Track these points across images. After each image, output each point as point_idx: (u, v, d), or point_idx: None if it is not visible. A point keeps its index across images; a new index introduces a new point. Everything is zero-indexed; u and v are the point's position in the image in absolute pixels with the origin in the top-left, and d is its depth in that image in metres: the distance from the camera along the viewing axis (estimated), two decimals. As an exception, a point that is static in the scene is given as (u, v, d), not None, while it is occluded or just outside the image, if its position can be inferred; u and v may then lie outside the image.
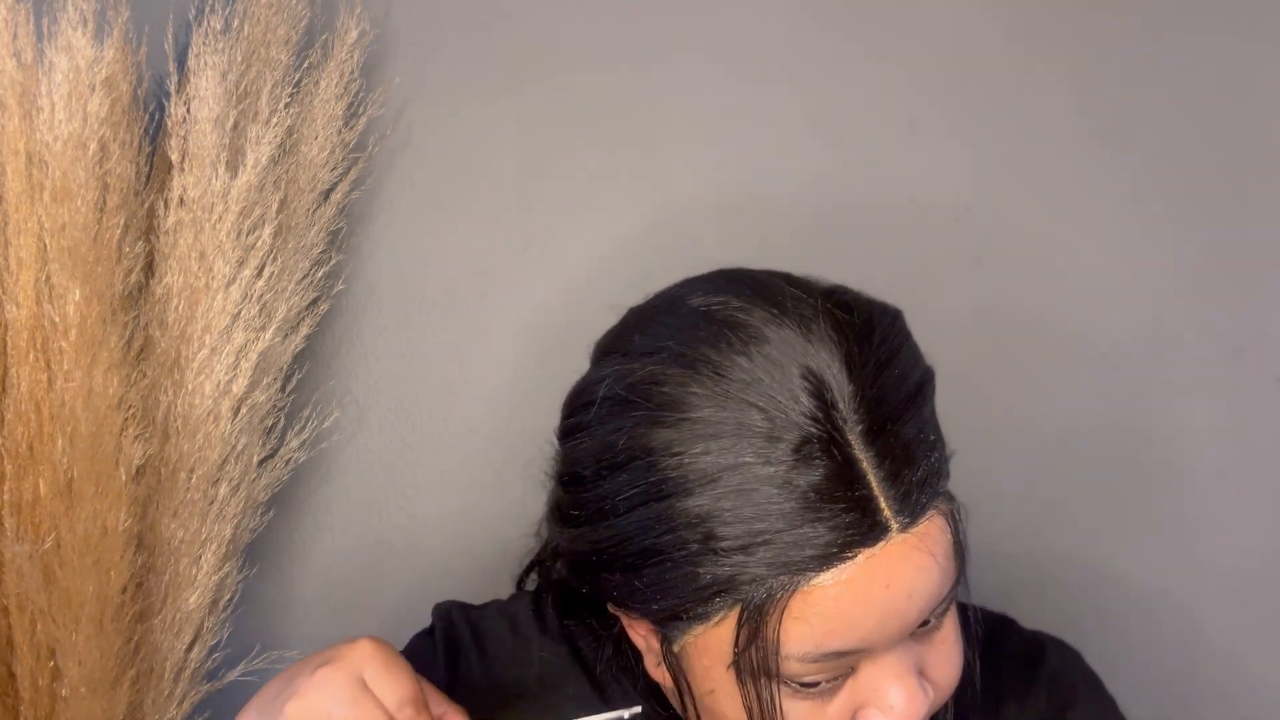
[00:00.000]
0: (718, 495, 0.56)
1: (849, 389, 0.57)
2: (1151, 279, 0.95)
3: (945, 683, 0.62)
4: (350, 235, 0.94)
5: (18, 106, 0.79)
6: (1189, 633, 0.96)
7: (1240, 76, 0.94)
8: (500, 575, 0.96)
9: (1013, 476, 0.96)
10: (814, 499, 0.55)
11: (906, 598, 0.57)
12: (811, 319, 0.59)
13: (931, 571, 0.57)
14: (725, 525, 0.56)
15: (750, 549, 0.56)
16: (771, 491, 0.55)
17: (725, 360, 0.58)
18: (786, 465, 0.55)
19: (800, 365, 0.57)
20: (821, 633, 0.56)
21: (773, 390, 0.56)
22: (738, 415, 0.56)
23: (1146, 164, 0.95)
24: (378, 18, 0.92)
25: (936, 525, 0.58)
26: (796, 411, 0.56)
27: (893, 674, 0.59)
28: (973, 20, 0.94)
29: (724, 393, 0.57)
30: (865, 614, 0.56)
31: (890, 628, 0.58)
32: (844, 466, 0.56)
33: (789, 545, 0.55)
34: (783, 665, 0.57)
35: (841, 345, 0.58)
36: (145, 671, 0.85)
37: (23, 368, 0.79)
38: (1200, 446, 0.95)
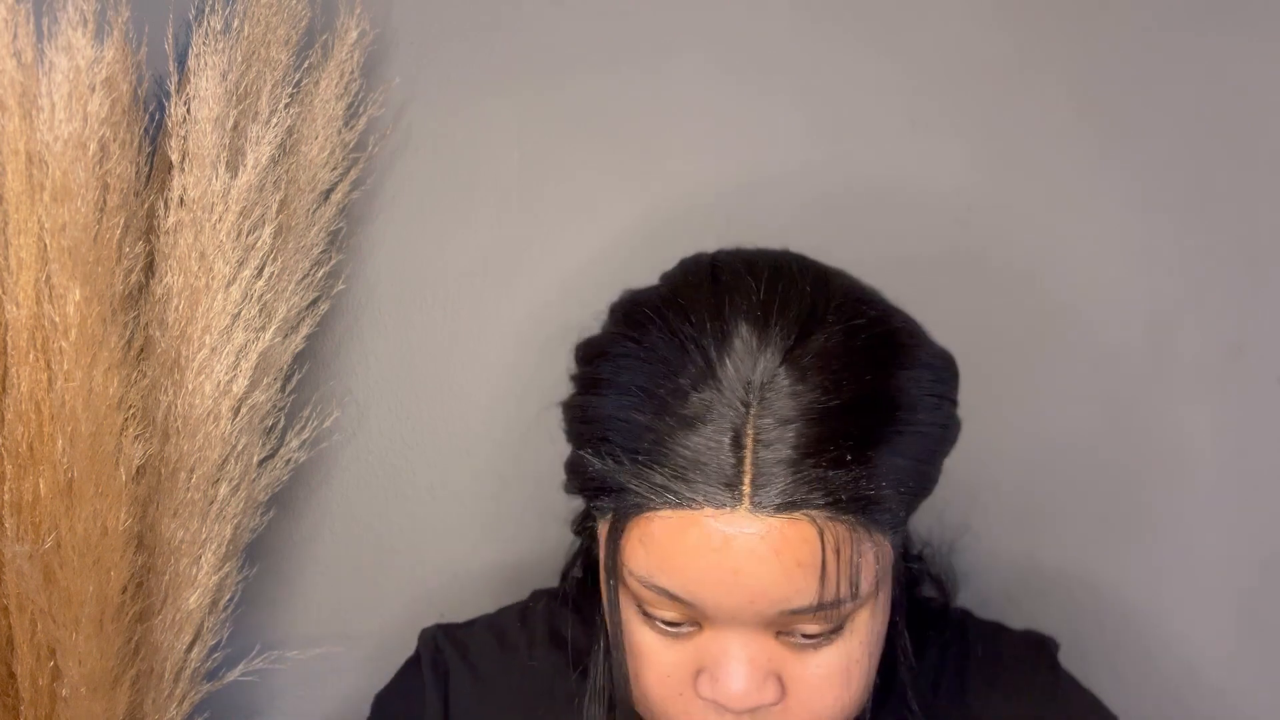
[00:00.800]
0: (622, 404, 0.60)
1: (783, 364, 0.58)
2: (1151, 279, 0.95)
3: (806, 708, 0.61)
4: (350, 235, 0.94)
5: (18, 106, 0.79)
6: (1189, 633, 0.96)
7: (1241, 76, 0.94)
8: (499, 575, 0.96)
9: (1012, 476, 0.96)
10: (689, 440, 0.57)
11: (733, 573, 0.57)
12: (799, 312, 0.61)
13: (769, 565, 0.57)
14: (616, 432, 0.60)
15: (625, 459, 0.59)
16: (661, 420, 0.58)
17: (695, 308, 0.61)
18: (682, 398, 0.58)
19: (752, 332, 0.59)
20: (654, 562, 0.59)
21: (714, 341, 0.59)
22: (677, 352, 0.60)
23: (1147, 163, 0.95)
24: (378, 18, 0.92)
25: (798, 530, 0.57)
26: (719, 360, 0.59)
27: (731, 653, 0.60)
28: (973, 18, 0.94)
29: (676, 329, 0.61)
30: (691, 565, 0.58)
31: (718, 597, 0.58)
32: (729, 426, 0.57)
33: (652, 468, 0.58)
34: (627, 578, 0.61)
35: (804, 339, 0.60)
36: (145, 671, 0.85)
37: (23, 368, 0.79)
38: (1200, 447, 0.95)
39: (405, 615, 0.96)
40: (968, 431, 0.78)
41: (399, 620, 0.96)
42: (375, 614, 0.96)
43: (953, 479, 0.95)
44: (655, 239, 0.95)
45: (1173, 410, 0.95)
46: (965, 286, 0.96)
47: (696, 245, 0.94)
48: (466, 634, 0.80)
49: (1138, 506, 0.96)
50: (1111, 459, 0.96)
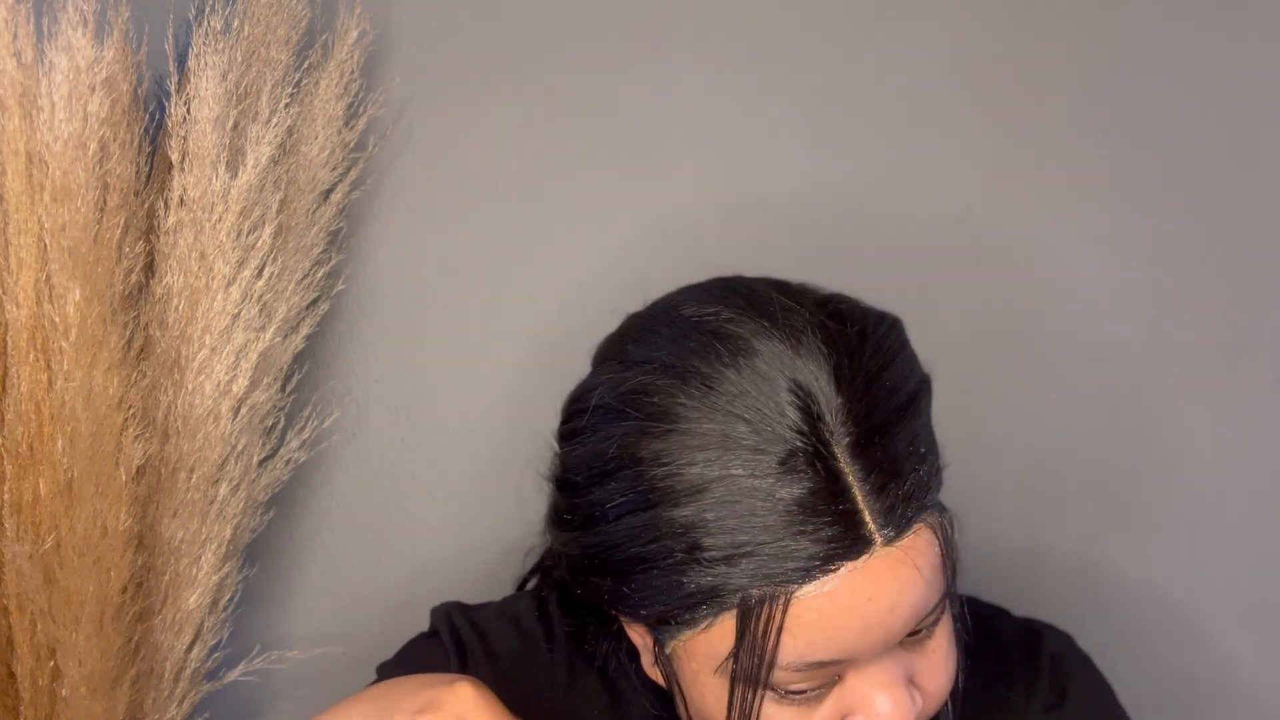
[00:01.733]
0: (703, 506, 0.57)
1: (836, 402, 0.58)
2: (1151, 280, 0.95)
3: (935, 690, 0.63)
4: (350, 235, 0.94)
5: (18, 106, 0.79)
6: (1188, 633, 0.96)
7: (1241, 77, 0.94)
8: (500, 575, 0.96)
9: (1012, 477, 0.96)
10: (797, 512, 0.56)
11: (889, 611, 0.58)
12: (801, 330, 0.59)
13: (916, 584, 0.58)
14: (710, 536, 0.57)
15: (734, 560, 0.56)
16: (755, 504, 0.56)
17: (714, 372, 0.59)
18: (772, 478, 0.56)
19: (788, 378, 0.58)
20: (805, 644, 0.58)
21: (760, 403, 0.57)
22: (724, 427, 0.57)
23: (1146, 165, 0.95)
24: (378, 18, 0.92)
25: (923, 538, 0.58)
26: (783, 425, 0.57)
27: (879, 684, 0.60)
28: (974, 23, 0.94)
29: (712, 405, 0.58)
30: (847, 626, 0.57)
31: (874, 639, 0.58)
32: (828, 480, 0.56)
33: (772, 557, 0.56)
34: (769, 674, 0.58)
35: (830, 357, 0.59)
36: (145, 671, 0.85)
37: (23, 368, 0.79)
38: (1200, 447, 0.95)
39: (405, 615, 0.96)
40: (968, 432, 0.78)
41: (399, 620, 0.96)
42: (375, 614, 0.96)
43: (953, 478, 0.95)
44: (655, 238, 0.95)
45: (1173, 410, 0.95)
46: (965, 286, 0.96)
47: (696, 245, 0.94)
48: (481, 617, 0.79)
49: (1138, 506, 0.96)
50: (1111, 458, 0.96)
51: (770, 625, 0.57)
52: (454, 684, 0.59)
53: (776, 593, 0.56)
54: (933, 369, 0.93)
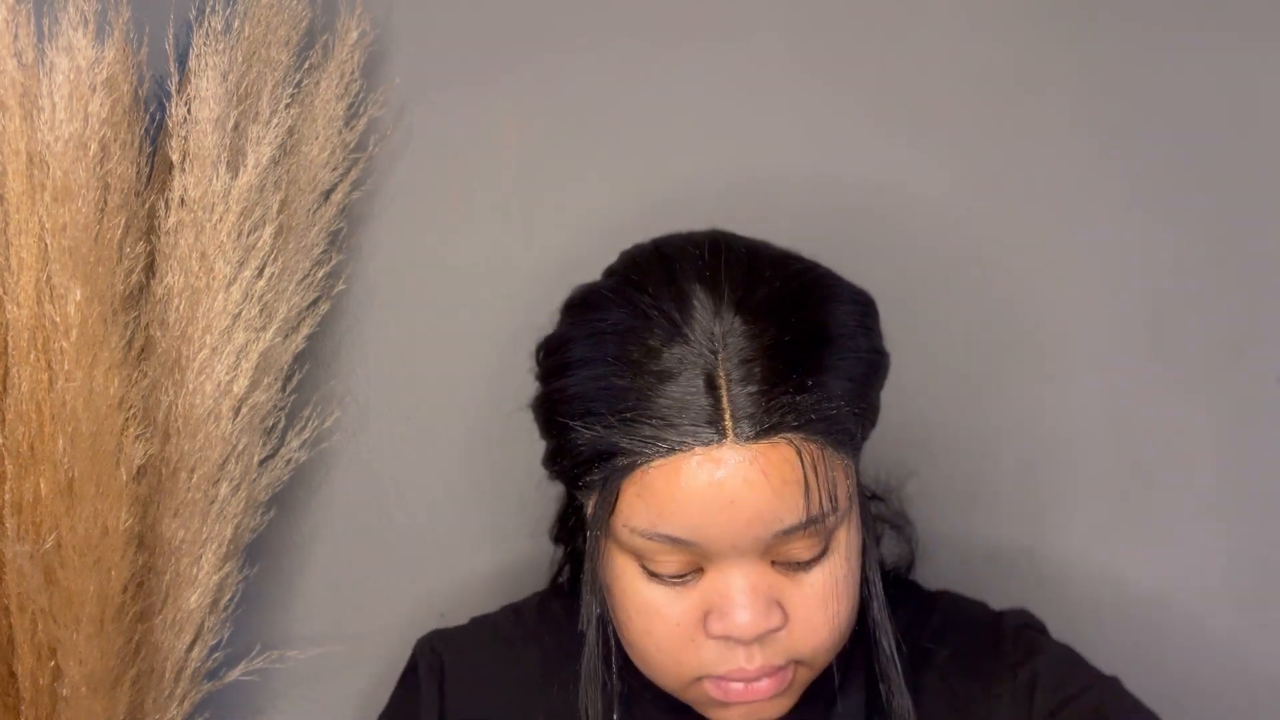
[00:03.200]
0: (600, 374, 0.66)
1: (732, 313, 0.65)
2: (1151, 279, 0.95)
3: (806, 624, 0.67)
4: (350, 235, 0.94)
5: (19, 107, 0.79)
6: (1188, 633, 0.96)
7: (1240, 76, 0.94)
8: (499, 574, 0.96)
9: (1012, 476, 0.96)
10: (667, 387, 0.64)
11: (730, 504, 0.63)
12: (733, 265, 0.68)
13: (761, 490, 0.63)
14: (599, 400, 0.65)
15: (613, 424, 0.65)
16: (639, 378, 0.65)
17: (650, 280, 0.68)
18: (655, 357, 0.65)
19: (706, 292, 0.66)
20: (655, 512, 0.64)
21: (674, 304, 0.66)
22: (633, 318, 0.66)
23: (1146, 164, 0.95)
24: (378, 18, 0.92)
25: (780, 453, 0.64)
26: (679, 318, 0.65)
27: (735, 585, 0.65)
28: (972, 20, 0.94)
29: (634, 301, 0.67)
30: (691, 505, 0.64)
31: (719, 529, 0.64)
32: (700, 366, 0.64)
33: (640, 423, 0.64)
34: (626, 535, 0.66)
35: (745, 285, 0.67)
36: (146, 671, 0.85)
37: (23, 368, 0.79)
38: (1200, 446, 0.95)
39: (405, 615, 0.96)
40: (968, 431, 0.78)
41: (399, 620, 0.96)
42: (375, 614, 0.96)
43: (954, 477, 0.95)
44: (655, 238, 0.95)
45: (1173, 410, 0.95)
46: (964, 287, 0.96)
47: (696, 245, 0.93)
48: (460, 634, 0.83)
49: (1138, 506, 0.96)
50: (1112, 459, 0.96)
51: (626, 487, 0.65)
52: None
53: (636, 459, 0.64)
54: (933, 369, 0.93)
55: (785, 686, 0.68)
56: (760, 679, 0.67)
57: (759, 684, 0.67)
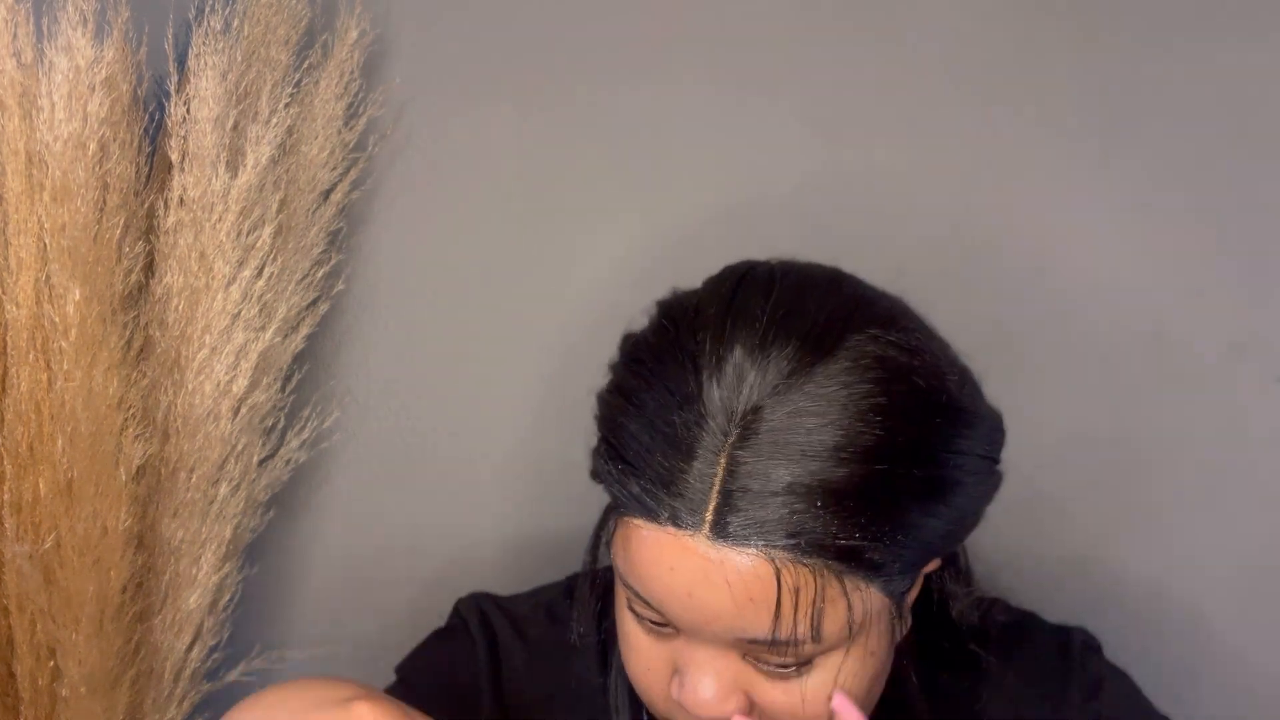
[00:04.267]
0: (625, 408, 0.61)
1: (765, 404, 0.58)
2: (1151, 279, 0.95)
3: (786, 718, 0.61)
4: (350, 235, 0.94)
5: (18, 106, 0.79)
6: (1189, 633, 0.96)
7: (1241, 76, 0.94)
8: (500, 574, 0.96)
9: (1012, 476, 0.96)
10: (667, 458, 0.58)
11: (688, 594, 0.58)
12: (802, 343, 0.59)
13: (721, 594, 0.57)
14: (614, 435, 0.61)
15: (615, 463, 0.60)
16: (648, 433, 0.59)
17: (705, 324, 0.61)
18: (669, 418, 0.59)
19: (746, 365, 0.59)
20: (629, 566, 0.61)
21: (710, 367, 0.59)
22: (676, 368, 0.60)
23: (1147, 163, 0.95)
24: (378, 18, 0.92)
25: (753, 567, 0.57)
26: (708, 383, 0.58)
27: (698, 662, 0.61)
28: (972, 20, 0.94)
29: (683, 344, 0.61)
30: (653, 578, 0.59)
31: (678, 612, 0.59)
32: (704, 452, 0.57)
33: (631, 477, 0.59)
34: (615, 571, 0.63)
35: (800, 374, 0.58)
36: (145, 671, 0.85)
37: (23, 368, 0.79)
38: (1200, 446, 0.95)
39: (405, 615, 0.96)
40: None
41: (399, 620, 0.96)
42: (375, 614, 0.96)
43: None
44: (655, 238, 0.95)
45: (1173, 410, 0.95)
46: (965, 287, 0.96)
47: (696, 245, 0.94)
48: (513, 605, 0.79)
49: (1138, 505, 0.96)
50: (1112, 458, 0.96)
51: (617, 534, 0.62)
52: (349, 705, 0.56)
53: (626, 510, 0.60)
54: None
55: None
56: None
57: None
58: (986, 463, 0.64)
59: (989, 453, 0.65)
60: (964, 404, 0.63)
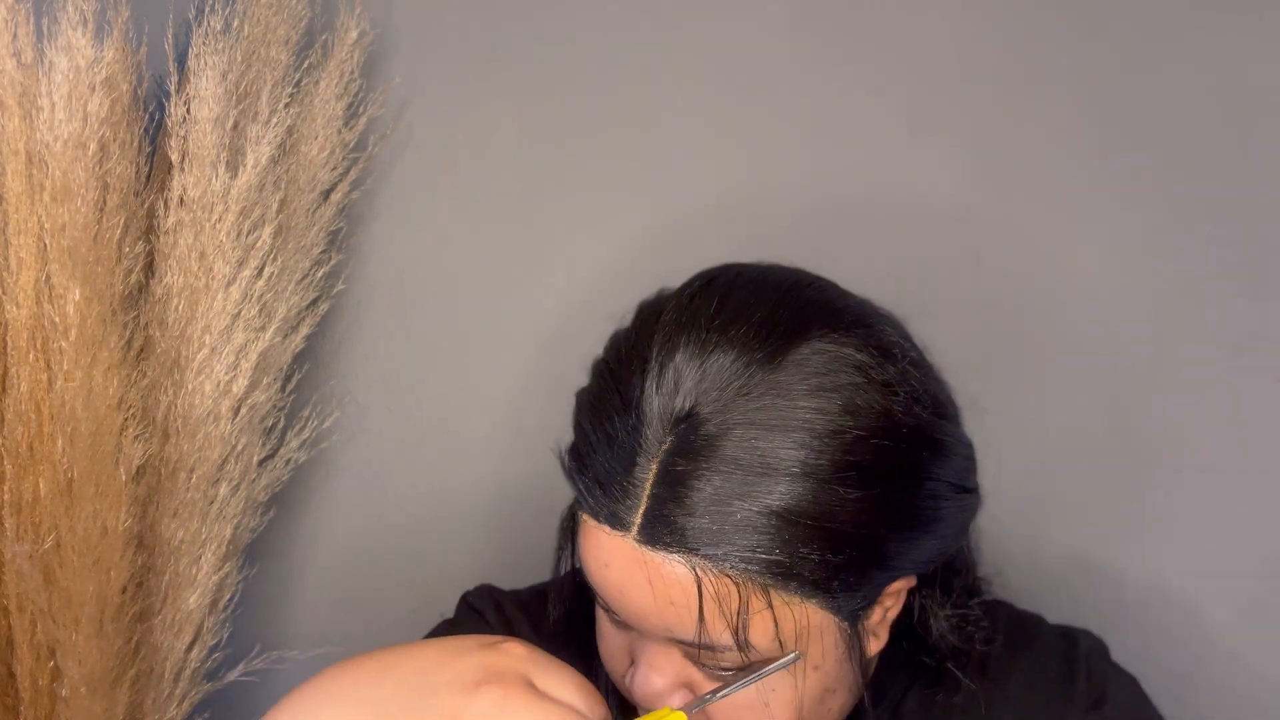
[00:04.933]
0: (586, 405, 0.62)
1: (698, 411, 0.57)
2: (1151, 279, 0.95)
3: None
4: (350, 235, 0.94)
5: (18, 106, 0.79)
6: (1189, 633, 0.96)
7: (1240, 76, 0.94)
8: (499, 574, 0.96)
9: (1012, 476, 0.96)
10: (606, 458, 0.59)
11: (620, 590, 0.60)
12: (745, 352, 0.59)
13: (644, 593, 0.58)
14: (577, 431, 0.63)
15: (571, 460, 0.62)
16: (596, 431, 0.60)
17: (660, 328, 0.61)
18: (612, 420, 0.60)
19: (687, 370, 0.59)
20: (582, 560, 0.62)
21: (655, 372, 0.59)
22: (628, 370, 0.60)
23: (1147, 163, 0.95)
24: (378, 18, 0.92)
25: (673, 572, 0.57)
26: (650, 389, 0.59)
27: (645, 655, 0.62)
28: (973, 20, 0.94)
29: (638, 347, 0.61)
30: (595, 572, 0.61)
31: (615, 605, 0.61)
32: (639, 455, 0.58)
33: (579, 473, 0.61)
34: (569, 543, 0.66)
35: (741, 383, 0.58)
36: (145, 671, 0.85)
37: (23, 368, 0.79)
38: (1200, 446, 0.95)
39: (405, 615, 0.96)
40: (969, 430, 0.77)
41: (399, 620, 0.96)
42: (375, 614, 0.96)
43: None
44: (655, 238, 0.95)
45: (1173, 410, 0.95)
46: (965, 287, 0.96)
47: (696, 245, 0.94)
48: (519, 598, 0.80)
49: (1138, 506, 0.96)
50: (1112, 459, 0.96)
51: (578, 528, 0.62)
52: (501, 645, 0.56)
53: (579, 505, 0.61)
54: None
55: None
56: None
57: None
58: (947, 486, 0.62)
59: (953, 478, 0.63)
60: (922, 423, 0.60)
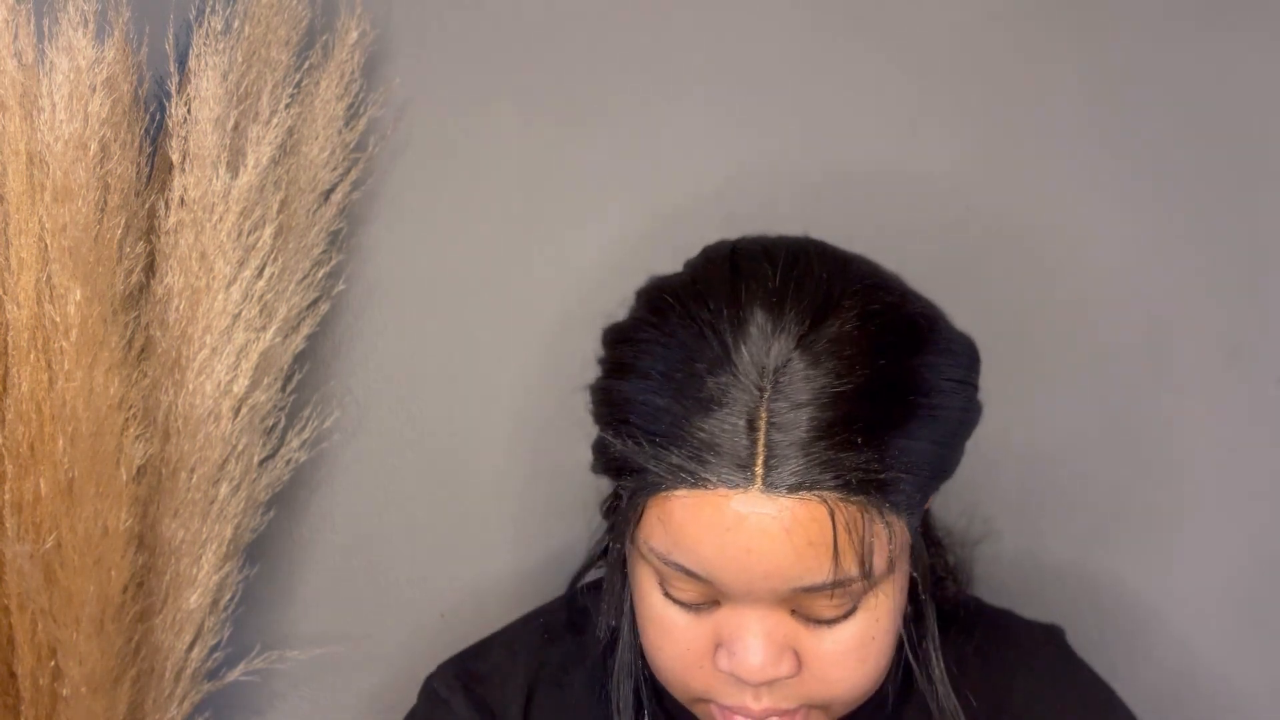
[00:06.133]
0: (643, 387, 0.62)
1: (789, 350, 0.60)
2: (1151, 279, 0.95)
3: (824, 678, 0.64)
4: (351, 235, 0.94)
5: (19, 107, 0.79)
6: (1188, 633, 0.96)
7: (1241, 75, 0.94)
8: (499, 574, 0.97)
9: (1012, 475, 0.96)
10: (705, 423, 0.60)
11: (746, 552, 0.60)
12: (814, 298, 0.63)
13: (781, 544, 0.59)
14: (637, 414, 0.62)
15: (645, 441, 0.61)
16: (679, 403, 0.61)
17: (713, 294, 0.64)
18: (699, 383, 0.60)
19: (767, 318, 0.61)
20: (672, 541, 0.61)
21: (730, 327, 0.62)
22: (695, 338, 0.62)
23: (1146, 163, 0.95)
24: (378, 18, 0.92)
25: (810, 511, 0.59)
26: (734, 346, 0.61)
27: (748, 627, 0.62)
28: (973, 19, 0.94)
29: (695, 315, 0.63)
30: (707, 543, 0.60)
31: (732, 572, 0.61)
32: (744, 409, 0.60)
33: (669, 450, 0.60)
34: (646, 552, 0.64)
35: (818, 324, 0.61)
36: (146, 671, 0.85)
37: (23, 368, 0.79)
38: (1199, 447, 0.95)
39: (405, 615, 0.96)
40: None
41: (399, 620, 0.96)
42: (376, 614, 0.96)
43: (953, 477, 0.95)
44: (656, 238, 0.95)
45: (1172, 410, 0.95)
46: (965, 286, 0.96)
47: (697, 245, 0.94)
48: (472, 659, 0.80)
49: (1137, 506, 0.96)
50: (1111, 459, 0.96)
51: (650, 508, 0.62)
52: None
53: (662, 483, 0.61)
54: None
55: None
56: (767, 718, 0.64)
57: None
58: (972, 390, 0.68)
59: (974, 380, 0.69)
60: (947, 337, 0.67)
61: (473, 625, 0.86)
